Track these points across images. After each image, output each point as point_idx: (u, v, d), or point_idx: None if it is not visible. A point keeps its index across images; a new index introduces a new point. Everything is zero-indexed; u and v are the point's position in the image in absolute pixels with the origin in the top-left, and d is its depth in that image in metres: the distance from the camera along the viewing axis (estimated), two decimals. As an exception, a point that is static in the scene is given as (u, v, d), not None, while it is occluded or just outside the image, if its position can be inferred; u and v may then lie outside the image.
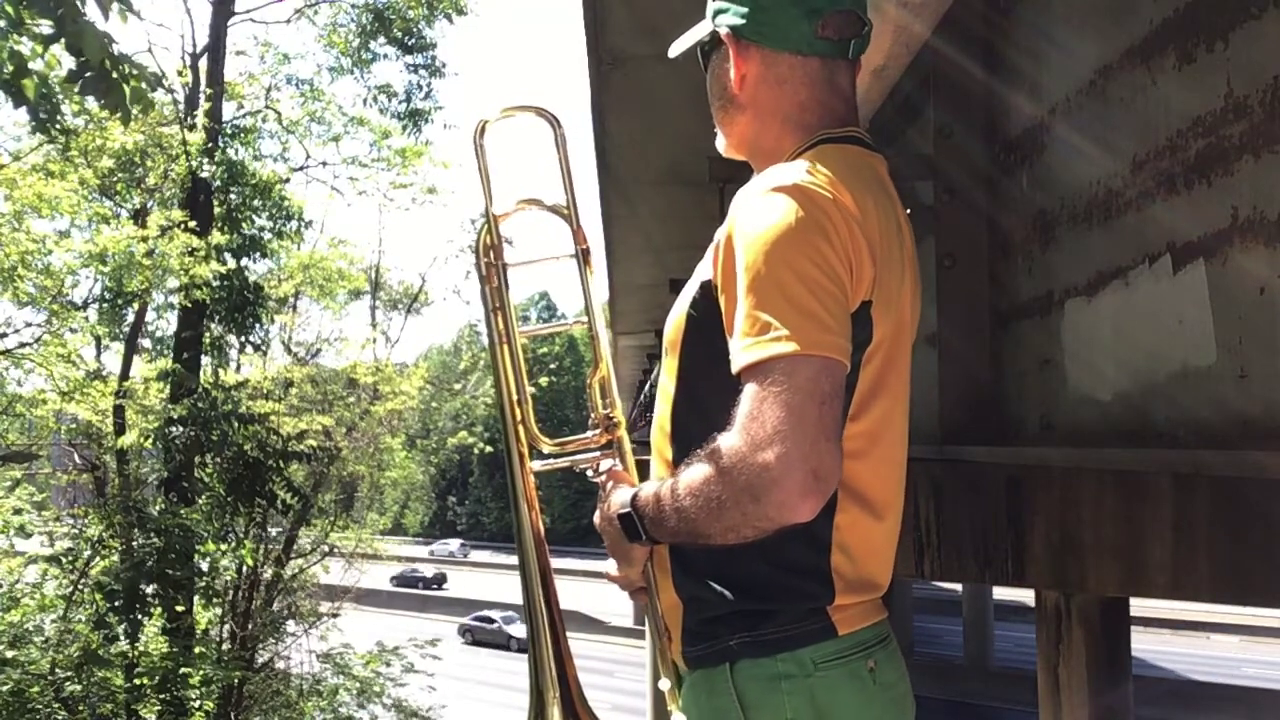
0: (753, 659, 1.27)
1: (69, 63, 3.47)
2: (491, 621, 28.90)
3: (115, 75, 3.40)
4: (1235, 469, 1.93)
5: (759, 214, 1.25)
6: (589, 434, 1.48)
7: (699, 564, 1.31)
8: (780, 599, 1.28)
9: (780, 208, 1.24)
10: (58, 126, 4.09)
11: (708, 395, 1.32)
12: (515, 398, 1.48)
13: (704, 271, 1.35)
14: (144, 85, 3.54)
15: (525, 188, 1.58)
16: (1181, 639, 23.85)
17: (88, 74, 3.38)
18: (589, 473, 1.46)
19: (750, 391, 1.17)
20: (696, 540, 1.23)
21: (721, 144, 1.51)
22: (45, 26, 3.54)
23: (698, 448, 1.25)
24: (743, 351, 1.19)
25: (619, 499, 1.34)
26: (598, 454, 1.47)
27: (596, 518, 1.41)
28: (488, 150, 1.52)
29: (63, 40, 3.36)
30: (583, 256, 1.54)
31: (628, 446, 1.48)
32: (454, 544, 47.76)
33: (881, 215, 1.30)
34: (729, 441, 1.17)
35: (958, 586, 20.75)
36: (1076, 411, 2.75)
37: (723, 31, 1.40)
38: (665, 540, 1.29)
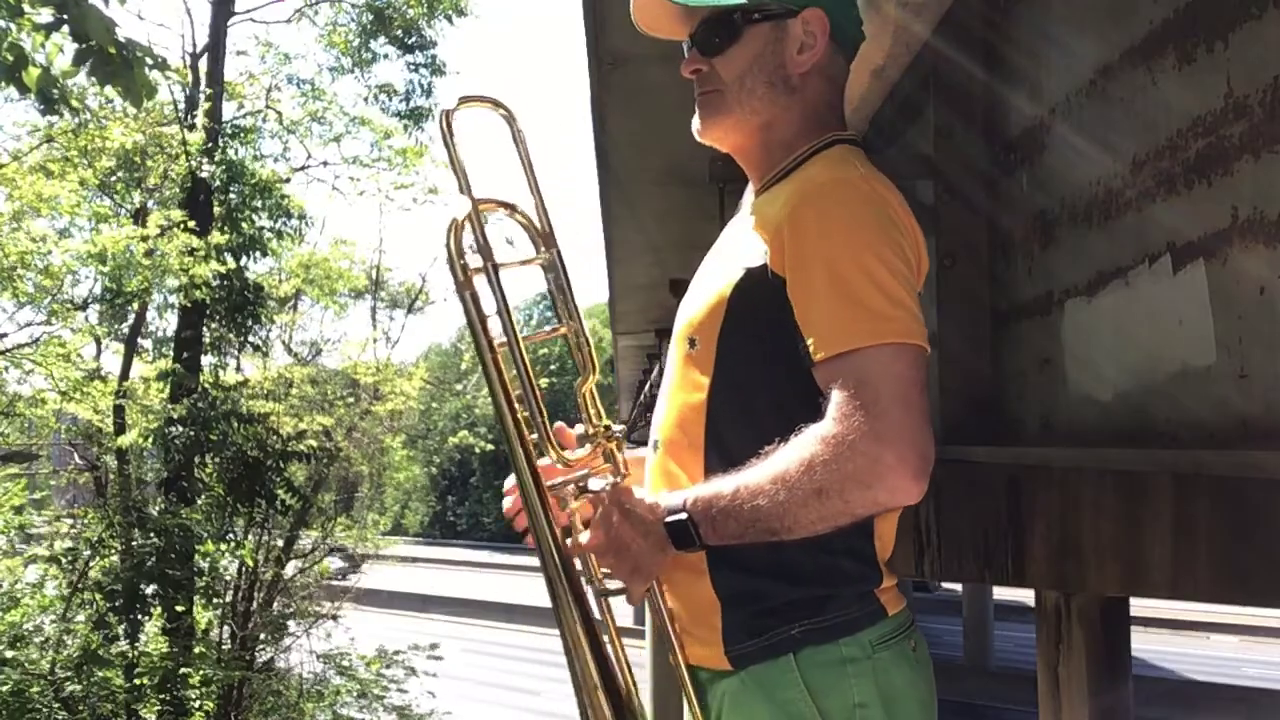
0: (816, 646, 1.25)
1: (70, 54, 3.47)
2: None
3: (120, 60, 3.39)
4: (1235, 469, 1.93)
5: (835, 204, 1.24)
6: (586, 449, 1.36)
7: (746, 558, 1.26)
8: (836, 584, 1.28)
9: (856, 199, 1.24)
10: (70, 107, 4.08)
11: (750, 388, 1.29)
12: (522, 414, 1.31)
13: (748, 258, 1.30)
14: (149, 66, 3.52)
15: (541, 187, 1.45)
16: (1181, 639, 23.83)
17: (92, 59, 3.37)
18: (574, 489, 1.34)
19: (852, 379, 1.16)
20: (769, 535, 1.19)
21: (718, 120, 1.39)
22: (45, 15, 3.54)
23: (732, 445, 1.23)
24: (838, 339, 1.18)
25: (665, 506, 1.25)
26: (586, 472, 1.34)
27: (596, 537, 1.27)
28: (459, 143, 1.39)
29: (64, 28, 3.36)
30: (558, 260, 1.41)
31: (620, 457, 1.38)
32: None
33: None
34: (831, 429, 1.16)
35: (958, 586, 20.76)
36: (1076, 411, 2.75)
37: (816, 13, 1.35)
38: (725, 541, 1.23)
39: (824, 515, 1.16)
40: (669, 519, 1.24)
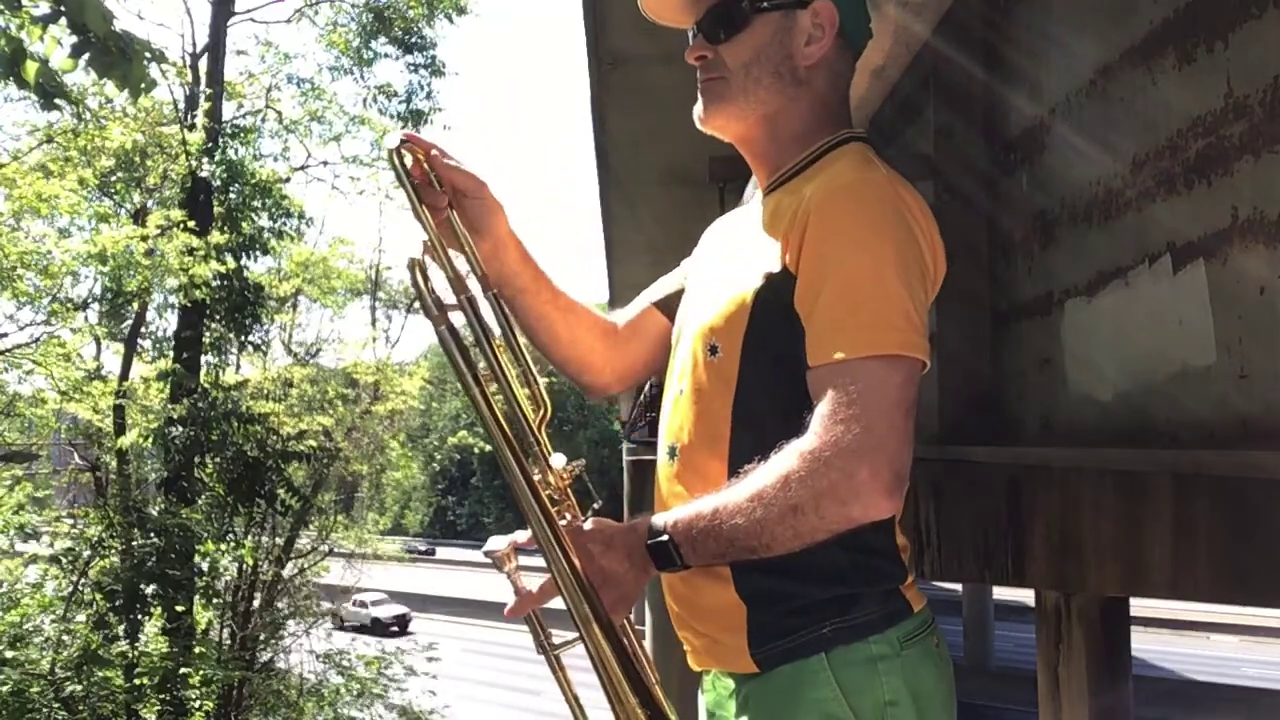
0: (846, 644, 1.24)
1: (68, 48, 3.46)
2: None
3: (118, 52, 3.37)
4: (1235, 469, 1.93)
5: (858, 206, 1.22)
6: (558, 485, 1.31)
7: (775, 561, 1.22)
8: (865, 582, 1.26)
9: (880, 203, 1.23)
10: (69, 100, 4.06)
11: (776, 396, 1.27)
12: (527, 457, 1.24)
13: (768, 262, 1.27)
14: (147, 59, 3.50)
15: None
16: (1181, 639, 23.82)
17: (90, 50, 3.36)
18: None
19: (841, 388, 1.14)
20: (748, 554, 1.18)
21: (721, 107, 1.37)
22: (44, 6, 3.54)
23: (755, 453, 1.21)
24: (834, 345, 1.16)
25: (645, 528, 1.23)
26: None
27: (578, 565, 1.21)
28: (413, 175, 1.34)
29: (62, 20, 3.35)
30: (496, 303, 1.34)
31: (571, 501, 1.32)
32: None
33: None
34: (809, 444, 1.14)
35: (958, 586, 20.77)
36: (1076, 411, 2.74)
37: (826, 6, 1.33)
38: (707, 561, 1.22)
39: (800, 532, 1.15)
40: (650, 541, 1.22)
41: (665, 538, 1.21)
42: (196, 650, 9.57)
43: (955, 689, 1.33)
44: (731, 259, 1.39)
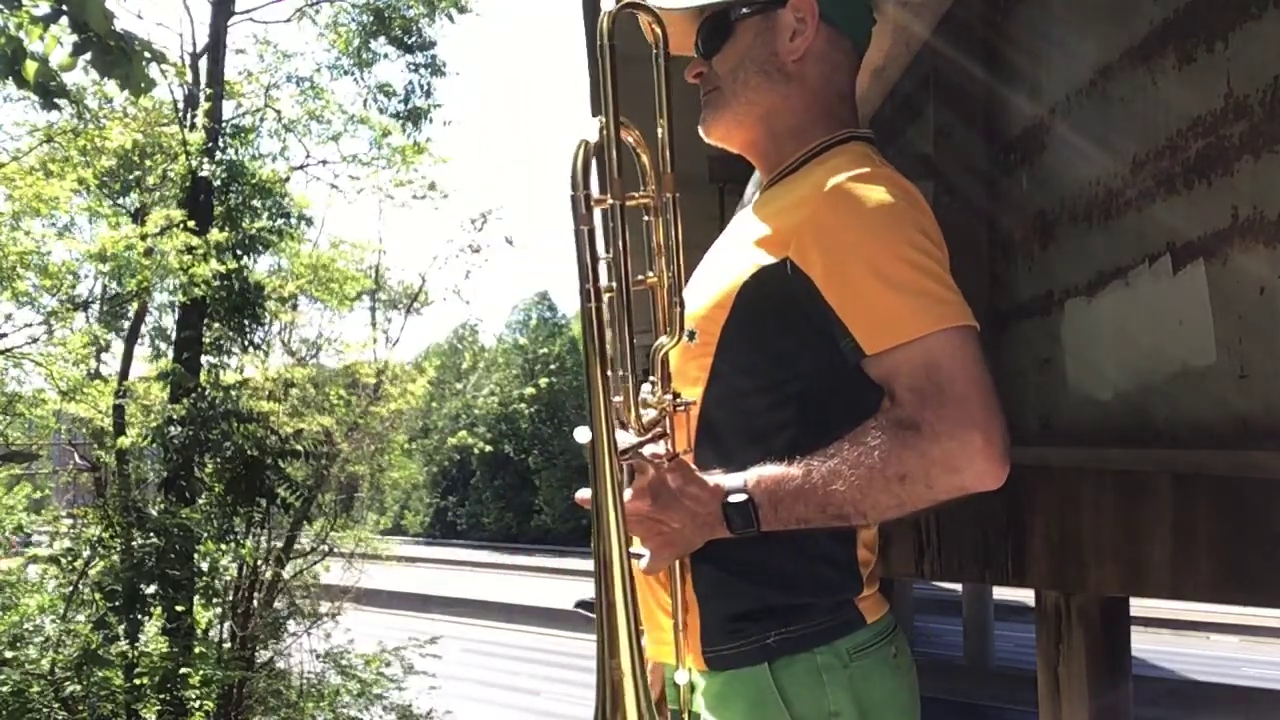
0: (791, 655, 1.24)
1: (68, 47, 3.46)
2: None
3: (119, 51, 3.38)
4: (1235, 469, 1.93)
5: (864, 196, 1.21)
6: (653, 414, 1.24)
7: (729, 560, 1.24)
8: (816, 592, 1.26)
9: (883, 190, 1.22)
10: (69, 99, 4.07)
11: (748, 385, 1.27)
12: (609, 373, 1.17)
13: (760, 254, 1.27)
14: (147, 59, 3.51)
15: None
16: (1181, 639, 23.81)
17: (91, 50, 3.36)
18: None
19: (922, 365, 1.15)
20: (839, 521, 1.17)
21: (718, 116, 1.40)
22: (44, 6, 3.54)
23: (738, 439, 1.22)
24: (899, 328, 1.16)
25: (724, 486, 1.20)
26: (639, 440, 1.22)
27: (637, 504, 1.18)
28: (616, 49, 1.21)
29: (63, 19, 3.36)
30: (673, 205, 1.25)
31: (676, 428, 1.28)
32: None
33: None
34: (913, 416, 1.14)
35: (958, 586, 20.76)
36: (1076, 411, 2.74)
37: None
38: (785, 526, 1.19)
39: (903, 501, 1.15)
40: (728, 499, 1.18)
41: (745, 497, 1.18)
42: (196, 650, 9.56)
43: (918, 695, 1.32)
44: (724, 254, 1.39)
